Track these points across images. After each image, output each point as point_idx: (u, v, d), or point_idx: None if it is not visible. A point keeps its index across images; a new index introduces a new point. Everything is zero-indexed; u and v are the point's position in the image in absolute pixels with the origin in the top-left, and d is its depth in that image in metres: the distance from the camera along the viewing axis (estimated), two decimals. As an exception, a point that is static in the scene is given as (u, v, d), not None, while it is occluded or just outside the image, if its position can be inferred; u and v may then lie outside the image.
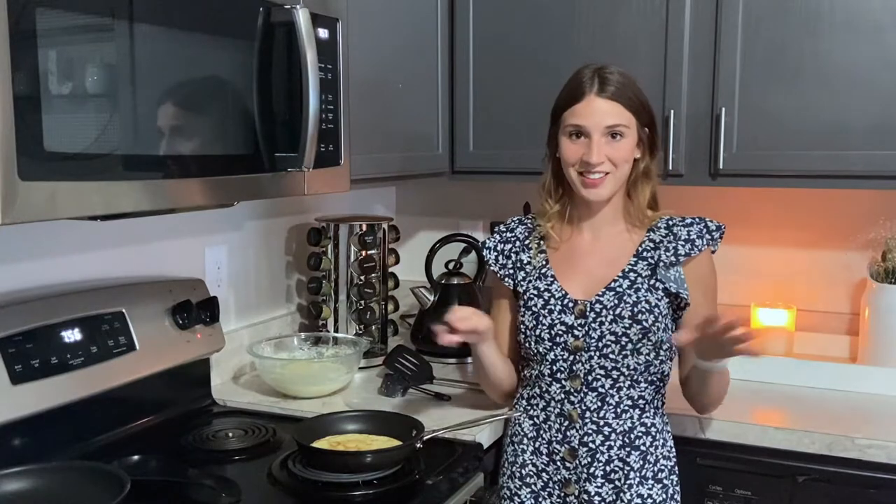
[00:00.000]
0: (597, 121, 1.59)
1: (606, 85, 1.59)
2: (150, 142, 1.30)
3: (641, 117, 1.62)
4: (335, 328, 2.31)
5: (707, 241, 1.65)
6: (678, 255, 1.64)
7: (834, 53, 1.95)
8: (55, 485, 1.39)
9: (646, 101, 1.64)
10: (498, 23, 2.27)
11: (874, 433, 1.74)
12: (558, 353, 1.64)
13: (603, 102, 1.58)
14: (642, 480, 1.61)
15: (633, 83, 1.63)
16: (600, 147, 1.59)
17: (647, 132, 1.65)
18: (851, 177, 1.97)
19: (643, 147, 1.65)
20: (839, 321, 2.35)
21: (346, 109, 1.70)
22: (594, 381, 1.62)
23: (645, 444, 1.63)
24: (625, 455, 1.61)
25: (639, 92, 1.63)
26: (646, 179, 1.68)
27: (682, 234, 1.65)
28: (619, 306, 1.60)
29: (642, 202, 1.68)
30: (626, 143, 1.60)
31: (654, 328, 1.60)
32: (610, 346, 1.60)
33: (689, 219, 1.68)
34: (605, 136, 1.59)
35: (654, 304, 1.61)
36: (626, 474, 1.61)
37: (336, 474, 1.51)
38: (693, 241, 1.64)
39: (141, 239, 1.86)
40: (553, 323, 1.64)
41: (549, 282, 1.68)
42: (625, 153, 1.61)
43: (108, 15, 1.21)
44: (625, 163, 1.62)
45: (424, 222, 2.82)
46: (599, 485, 1.61)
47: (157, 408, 1.83)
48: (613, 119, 1.59)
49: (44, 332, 1.54)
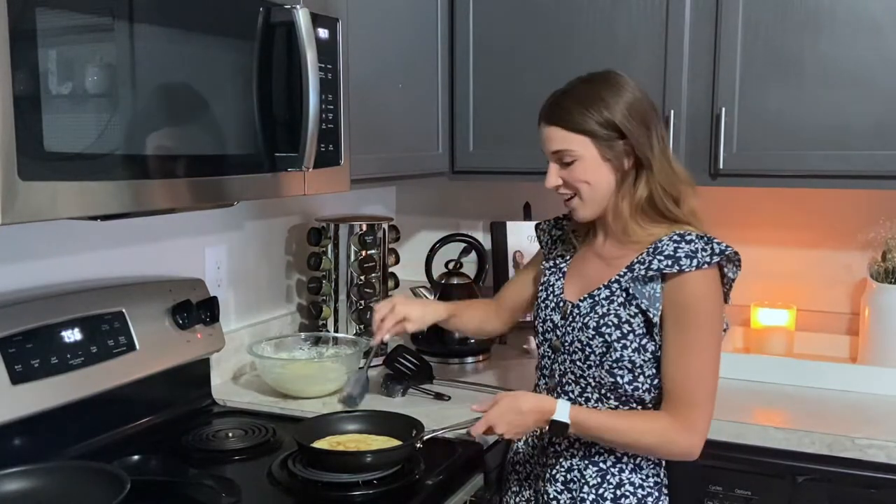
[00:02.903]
0: (546, 148, 1.58)
1: (553, 110, 1.56)
2: (150, 142, 1.30)
3: (601, 135, 1.51)
4: (335, 328, 2.31)
5: (696, 262, 1.48)
6: (652, 270, 1.51)
7: (834, 53, 1.95)
8: (55, 485, 1.39)
9: (612, 117, 1.50)
10: (498, 23, 2.27)
11: (874, 433, 1.74)
12: (545, 350, 1.67)
13: (548, 129, 1.56)
14: (598, 499, 1.56)
15: (598, 99, 1.51)
16: (552, 173, 1.57)
17: (627, 145, 1.51)
18: (851, 177, 1.97)
19: (621, 161, 1.53)
20: (839, 321, 2.35)
21: (346, 109, 1.70)
22: (566, 385, 1.62)
23: (606, 462, 1.58)
24: (583, 467, 1.59)
25: (603, 107, 1.50)
26: (631, 191, 1.54)
27: (667, 250, 1.51)
28: (588, 315, 1.57)
29: (624, 214, 1.55)
30: (579, 165, 1.53)
31: (618, 345, 1.53)
32: (577, 352, 1.59)
33: (690, 236, 1.52)
34: (559, 162, 1.57)
35: (625, 319, 1.53)
36: (581, 487, 1.58)
37: (336, 474, 1.51)
38: (678, 259, 1.49)
39: (141, 239, 1.86)
40: (545, 319, 1.67)
41: (557, 278, 1.69)
42: (579, 175, 1.54)
43: (107, 15, 1.21)
44: (583, 184, 1.54)
45: (424, 222, 2.82)
46: (559, 490, 1.60)
47: (157, 408, 1.83)
48: (556, 145, 1.55)
49: (44, 332, 1.54)
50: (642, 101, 1.54)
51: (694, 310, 1.49)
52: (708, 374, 1.51)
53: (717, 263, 1.50)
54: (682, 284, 1.49)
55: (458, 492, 1.62)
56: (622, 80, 1.55)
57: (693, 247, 1.50)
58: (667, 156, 1.56)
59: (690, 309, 1.49)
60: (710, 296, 1.51)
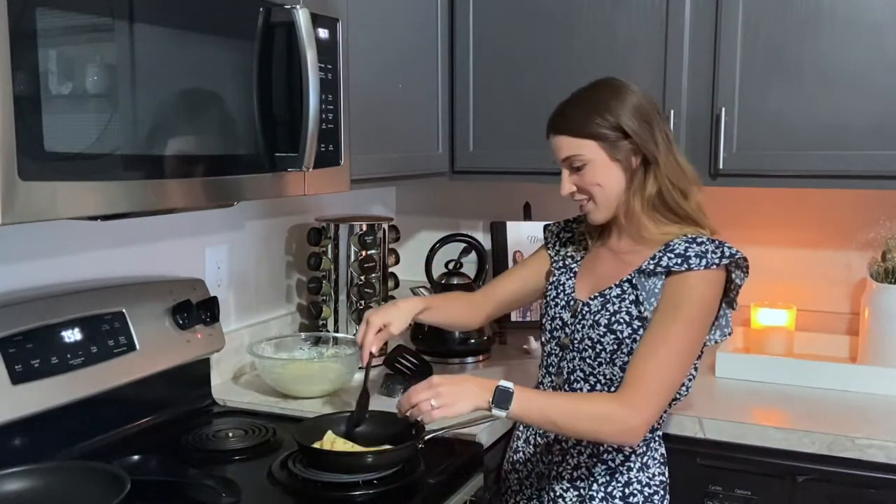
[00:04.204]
0: (556, 156, 1.61)
1: (558, 120, 1.60)
2: (150, 142, 1.30)
3: (607, 137, 1.54)
4: (335, 328, 2.31)
5: (705, 262, 1.50)
6: (661, 266, 1.53)
7: (834, 53, 1.95)
8: (55, 485, 1.39)
9: (616, 119, 1.53)
10: (498, 23, 2.27)
11: (874, 433, 1.74)
12: (552, 347, 1.68)
13: (556, 139, 1.60)
14: (607, 497, 1.58)
15: (601, 104, 1.55)
16: (565, 180, 1.61)
17: (633, 144, 1.55)
18: (851, 177, 1.97)
19: (629, 161, 1.56)
20: (839, 321, 2.35)
21: (346, 109, 1.70)
22: (574, 382, 1.63)
23: (614, 460, 1.60)
24: (591, 465, 1.60)
25: (607, 111, 1.54)
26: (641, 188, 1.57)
27: (678, 249, 1.54)
28: (599, 313, 1.59)
29: (636, 211, 1.58)
30: (589, 169, 1.57)
31: (629, 340, 1.56)
32: (587, 350, 1.60)
33: (701, 238, 1.55)
34: (570, 168, 1.60)
35: (636, 316, 1.56)
36: (590, 485, 1.59)
37: (336, 474, 1.51)
38: (688, 258, 1.52)
39: (141, 239, 1.86)
40: (554, 316, 1.68)
41: (568, 277, 1.70)
42: (591, 179, 1.58)
43: (108, 15, 1.21)
44: (596, 187, 1.58)
45: (424, 222, 2.82)
46: (566, 488, 1.61)
47: (157, 408, 1.83)
48: (566, 152, 1.59)
49: (44, 332, 1.54)
50: (644, 103, 1.58)
51: (684, 304, 1.51)
52: (672, 367, 1.49)
53: (724, 267, 1.53)
54: (682, 280, 1.52)
55: (458, 492, 1.62)
56: (624, 84, 1.59)
57: (703, 248, 1.53)
58: (672, 152, 1.59)
59: (681, 303, 1.51)
60: (705, 296, 1.52)
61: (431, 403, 1.41)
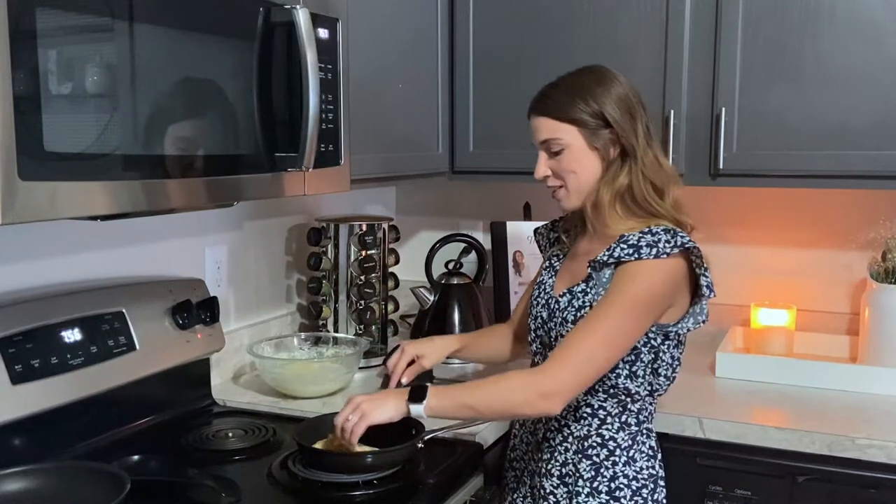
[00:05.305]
0: (535, 138, 1.60)
1: (541, 101, 1.59)
2: (150, 142, 1.30)
3: (588, 124, 1.53)
4: (335, 328, 2.31)
5: (655, 251, 1.47)
6: (613, 257, 1.51)
7: (834, 53, 1.95)
8: (55, 485, 1.39)
9: (599, 107, 1.53)
10: (498, 22, 2.27)
11: (874, 433, 1.74)
12: (537, 347, 1.68)
13: (537, 120, 1.59)
14: (593, 492, 1.57)
15: (586, 90, 1.54)
16: (541, 163, 1.60)
17: (613, 134, 1.54)
18: (852, 177, 1.97)
19: (608, 150, 1.55)
20: (839, 321, 2.35)
21: (346, 109, 1.70)
22: None
23: (599, 455, 1.58)
24: (577, 461, 1.60)
25: (591, 97, 1.53)
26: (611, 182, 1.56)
27: (632, 240, 1.50)
28: (566, 309, 1.59)
29: (604, 202, 1.56)
30: (567, 154, 1.56)
31: None
32: None
33: (657, 229, 1.51)
34: (547, 152, 1.59)
35: None
36: (576, 481, 1.59)
37: (336, 474, 1.51)
38: (639, 248, 1.49)
39: (141, 239, 1.86)
40: (536, 315, 1.68)
41: (550, 276, 1.70)
42: (567, 165, 1.57)
43: (107, 15, 1.21)
44: (570, 174, 1.57)
45: (424, 222, 2.82)
46: (555, 484, 1.61)
47: (157, 408, 1.83)
48: (544, 134, 1.58)
49: (44, 332, 1.54)
50: (629, 94, 1.56)
51: (628, 289, 1.48)
52: (596, 344, 1.46)
53: (684, 257, 1.51)
54: (630, 267, 1.49)
55: (458, 492, 1.62)
56: (610, 73, 1.59)
57: (656, 238, 1.49)
58: (653, 148, 1.58)
59: (624, 288, 1.48)
60: (653, 283, 1.49)
61: (349, 419, 1.47)
